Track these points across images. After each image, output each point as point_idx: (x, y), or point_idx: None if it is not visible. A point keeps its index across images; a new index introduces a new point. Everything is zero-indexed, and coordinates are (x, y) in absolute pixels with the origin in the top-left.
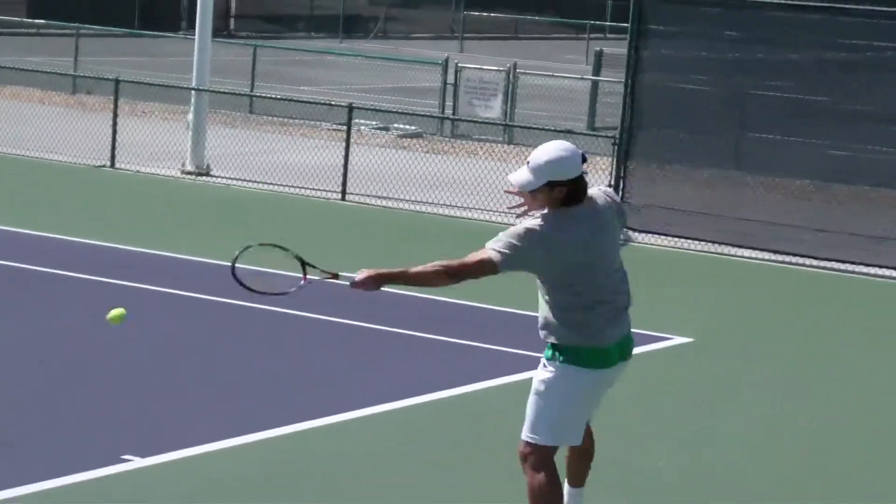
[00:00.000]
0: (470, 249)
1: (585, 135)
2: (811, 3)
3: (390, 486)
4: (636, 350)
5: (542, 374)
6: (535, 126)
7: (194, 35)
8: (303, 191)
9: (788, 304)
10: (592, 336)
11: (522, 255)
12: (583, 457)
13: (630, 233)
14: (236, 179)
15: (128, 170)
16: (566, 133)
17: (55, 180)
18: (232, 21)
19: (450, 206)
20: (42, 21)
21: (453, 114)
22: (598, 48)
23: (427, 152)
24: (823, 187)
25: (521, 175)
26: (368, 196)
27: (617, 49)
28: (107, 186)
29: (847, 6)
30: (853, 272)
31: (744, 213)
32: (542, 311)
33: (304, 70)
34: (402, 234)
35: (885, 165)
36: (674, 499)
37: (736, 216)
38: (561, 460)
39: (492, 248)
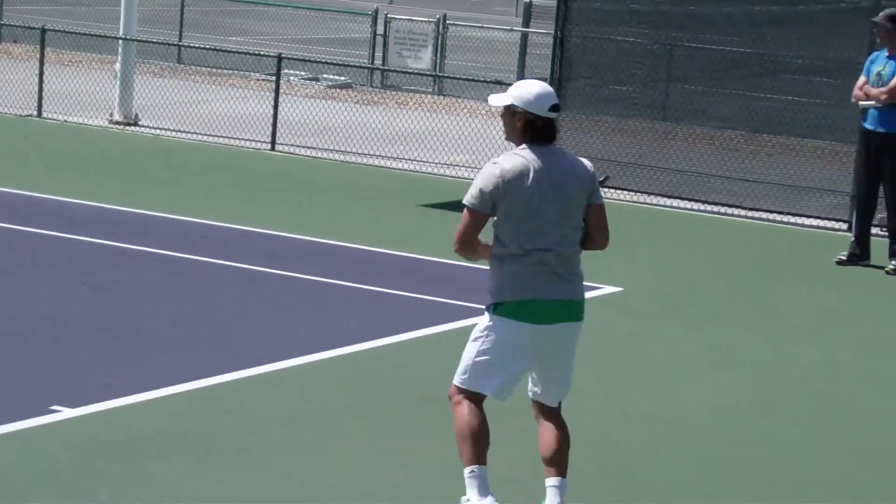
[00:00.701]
0: (397, 199)
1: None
2: None
3: (322, 436)
4: None
5: (480, 321)
6: (464, 77)
7: None
8: (232, 141)
9: (716, 253)
10: (521, 288)
11: (488, 191)
12: (551, 442)
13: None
14: (165, 129)
15: (55, 119)
16: (496, 84)
17: None
18: None
19: (379, 156)
20: None
21: (383, 64)
22: (527, 0)
23: (356, 103)
24: (751, 138)
25: (498, 95)
26: (298, 146)
27: (546, 1)
28: (34, 136)
29: None
30: (780, 221)
31: (673, 164)
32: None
33: (233, 20)
34: (331, 185)
35: (810, 116)
36: (594, 442)
37: (665, 167)
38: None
39: (468, 203)
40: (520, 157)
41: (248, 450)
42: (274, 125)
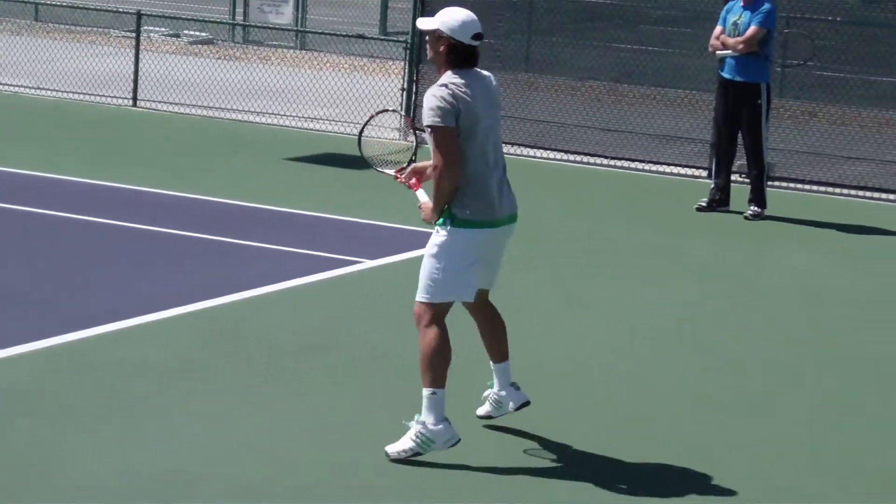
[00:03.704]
0: (260, 153)
1: (377, 39)
2: None
3: (184, 387)
4: (410, 254)
5: (435, 238)
6: (326, 32)
7: None
8: (94, 98)
9: (581, 201)
10: (487, 208)
11: (452, 106)
12: (494, 332)
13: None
14: (25, 87)
15: None
16: (358, 38)
17: None
18: None
19: (243, 111)
20: None
21: (244, 20)
22: None
23: (219, 59)
24: (612, 88)
25: (426, 19)
26: (160, 102)
27: None
28: None
29: None
30: (642, 170)
31: (536, 115)
32: None
33: None
34: (195, 140)
35: (669, 66)
36: (452, 392)
37: (528, 118)
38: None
39: (433, 122)
40: (465, 80)
41: (111, 403)
42: (135, 81)
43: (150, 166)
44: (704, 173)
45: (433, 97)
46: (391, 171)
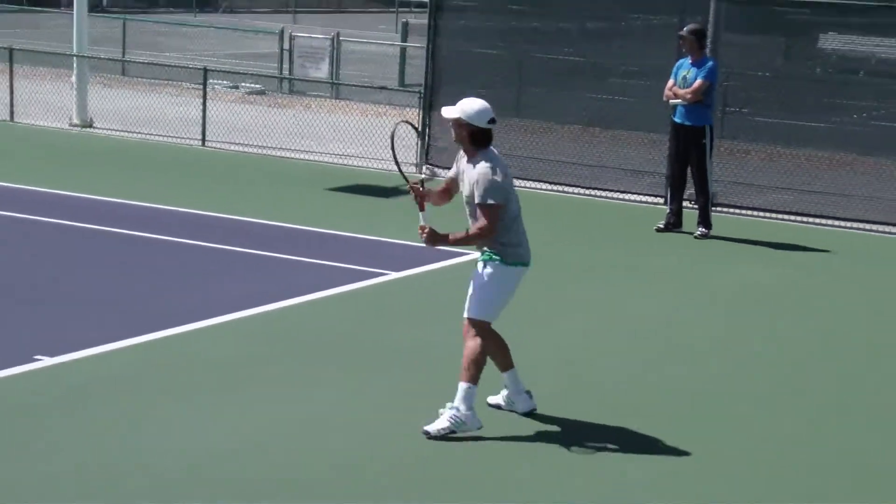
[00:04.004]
0: (305, 185)
1: (396, 90)
2: None
3: (244, 379)
4: (430, 267)
5: (487, 270)
6: (356, 84)
7: (73, 11)
8: (170, 139)
9: (561, 224)
10: (526, 251)
11: (504, 185)
12: (505, 347)
13: (436, 169)
14: (115, 130)
15: (24, 123)
16: (381, 89)
17: None
18: None
19: (290, 149)
20: None
21: (290, 74)
22: (405, 20)
23: (270, 106)
24: (586, 130)
25: (448, 108)
26: (224, 142)
27: (420, 20)
28: (7, 137)
29: None
30: (611, 197)
31: (525, 153)
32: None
33: (166, 39)
34: (252, 173)
35: (632, 112)
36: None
37: (519, 155)
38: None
39: (489, 200)
40: (499, 158)
41: (111, 404)
42: (203, 125)
43: (216, 195)
44: (661, 200)
45: (490, 179)
46: (414, 179)
